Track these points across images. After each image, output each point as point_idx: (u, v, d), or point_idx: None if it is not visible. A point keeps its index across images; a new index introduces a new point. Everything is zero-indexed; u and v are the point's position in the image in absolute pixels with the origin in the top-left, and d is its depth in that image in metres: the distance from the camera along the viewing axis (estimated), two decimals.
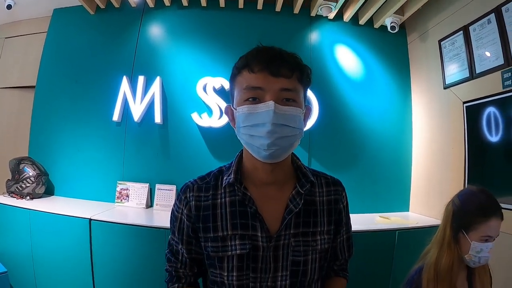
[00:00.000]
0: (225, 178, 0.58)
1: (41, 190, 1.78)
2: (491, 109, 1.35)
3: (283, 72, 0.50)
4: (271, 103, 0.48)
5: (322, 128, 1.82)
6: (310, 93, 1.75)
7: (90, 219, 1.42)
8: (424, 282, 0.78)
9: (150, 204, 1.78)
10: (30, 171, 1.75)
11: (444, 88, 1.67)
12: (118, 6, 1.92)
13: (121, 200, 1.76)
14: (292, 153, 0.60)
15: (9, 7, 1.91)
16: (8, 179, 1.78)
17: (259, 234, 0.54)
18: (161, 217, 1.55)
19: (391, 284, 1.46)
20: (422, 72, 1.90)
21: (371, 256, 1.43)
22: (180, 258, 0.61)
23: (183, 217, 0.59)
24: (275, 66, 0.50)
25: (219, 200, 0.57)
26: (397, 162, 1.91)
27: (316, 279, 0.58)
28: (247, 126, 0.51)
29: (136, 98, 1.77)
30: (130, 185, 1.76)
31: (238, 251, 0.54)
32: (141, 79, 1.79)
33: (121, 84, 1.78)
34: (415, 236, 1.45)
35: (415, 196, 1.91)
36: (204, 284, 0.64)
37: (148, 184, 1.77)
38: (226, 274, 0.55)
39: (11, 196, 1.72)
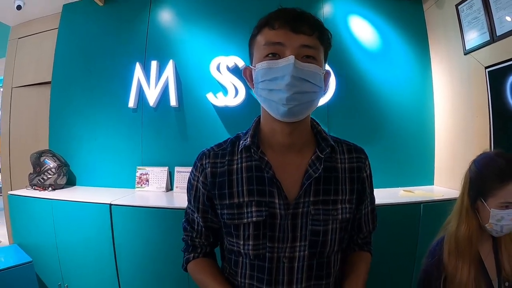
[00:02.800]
0: (241, 142, 0.57)
1: (62, 180, 1.81)
2: None
3: (304, 29, 0.49)
4: (291, 57, 0.47)
5: (340, 102, 1.77)
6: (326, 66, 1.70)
7: (110, 204, 1.44)
8: (445, 253, 0.74)
9: (170, 187, 1.78)
10: (50, 163, 1.79)
11: (465, 54, 1.58)
12: None
13: (141, 185, 1.77)
14: (312, 118, 0.59)
15: (19, 7, 1.95)
16: (30, 173, 1.82)
17: (277, 201, 0.52)
18: (182, 199, 1.55)
19: (418, 257, 1.41)
20: (440, 39, 1.82)
21: (396, 230, 1.38)
22: (195, 227, 0.61)
23: (199, 184, 0.58)
24: (296, 22, 0.49)
25: (235, 166, 0.55)
26: (419, 134, 1.84)
27: (336, 251, 0.56)
28: (266, 81, 0.50)
29: (151, 83, 1.77)
30: (150, 169, 1.77)
31: (254, 218, 0.52)
32: (154, 64, 1.78)
33: (135, 70, 1.79)
34: (441, 209, 1.36)
35: (440, 169, 1.84)
36: (221, 254, 0.63)
37: (167, 167, 1.77)
38: (242, 242, 0.54)
39: (34, 189, 1.76)
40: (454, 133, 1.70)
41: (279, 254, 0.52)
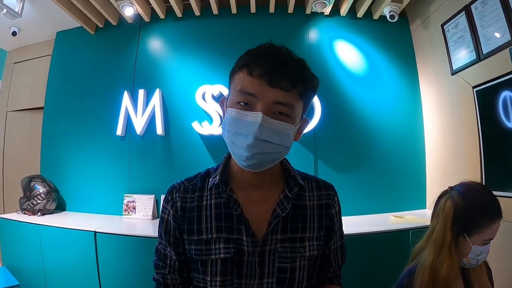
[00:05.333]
0: (211, 179, 0.56)
1: (52, 206, 1.83)
2: (503, 91, 1.24)
3: (282, 84, 0.45)
4: (259, 115, 0.45)
5: (326, 129, 1.76)
6: None
7: (95, 232, 1.46)
8: (416, 285, 0.70)
9: (156, 215, 1.79)
10: (40, 188, 1.81)
11: (452, 74, 1.57)
12: (116, 24, 1.97)
13: (129, 212, 1.77)
14: None
15: (14, 33, 2.02)
16: (21, 197, 1.84)
17: (244, 238, 0.52)
18: None
19: None
20: (428, 60, 1.81)
21: (385, 258, 1.36)
22: (168, 262, 0.59)
23: (169, 218, 0.57)
24: (275, 75, 0.45)
25: (205, 202, 0.55)
26: (410, 158, 1.82)
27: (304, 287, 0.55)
28: (230, 132, 0.48)
29: (138, 112, 1.80)
30: (137, 197, 1.78)
31: (222, 255, 0.52)
32: (141, 93, 1.81)
33: (123, 98, 1.82)
34: None
35: (432, 192, 1.81)
36: None
37: (153, 195, 1.77)
38: (209, 279, 0.53)
39: (24, 213, 1.78)
40: (445, 156, 1.68)
41: None
